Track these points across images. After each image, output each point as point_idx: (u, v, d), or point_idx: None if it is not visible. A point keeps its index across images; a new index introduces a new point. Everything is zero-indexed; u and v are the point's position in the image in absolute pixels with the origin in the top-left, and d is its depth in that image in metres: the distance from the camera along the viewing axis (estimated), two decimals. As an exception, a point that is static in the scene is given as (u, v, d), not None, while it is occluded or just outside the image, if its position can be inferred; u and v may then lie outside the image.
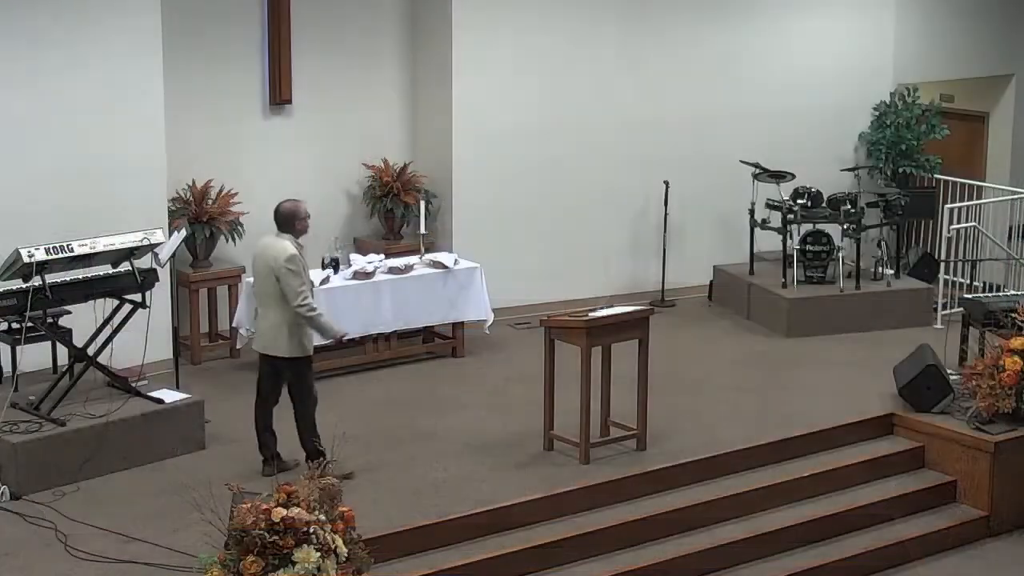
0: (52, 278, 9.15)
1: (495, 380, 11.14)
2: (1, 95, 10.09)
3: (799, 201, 12.81)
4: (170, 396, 9.63)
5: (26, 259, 8.81)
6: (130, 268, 9.45)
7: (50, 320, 9.97)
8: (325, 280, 10.97)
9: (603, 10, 12.90)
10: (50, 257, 8.92)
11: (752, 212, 13.01)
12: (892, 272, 13.03)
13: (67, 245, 9.03)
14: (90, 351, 9.45)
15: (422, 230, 11.72)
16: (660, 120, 13.27)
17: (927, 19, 14.56)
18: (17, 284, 9.04)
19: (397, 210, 12.34)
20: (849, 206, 12.63)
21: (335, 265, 11.20)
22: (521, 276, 12.76)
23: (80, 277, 9.40)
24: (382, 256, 11.55)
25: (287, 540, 6.64)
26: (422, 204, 11.86)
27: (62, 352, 10.25)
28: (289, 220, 8.99)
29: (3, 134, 10.14)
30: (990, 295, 11.32)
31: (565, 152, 12.91)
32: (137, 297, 9.45)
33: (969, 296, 11.11)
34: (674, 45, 13.27)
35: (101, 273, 9.46)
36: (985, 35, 14.92)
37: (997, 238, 13.43)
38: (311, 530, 6.71)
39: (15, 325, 9.75)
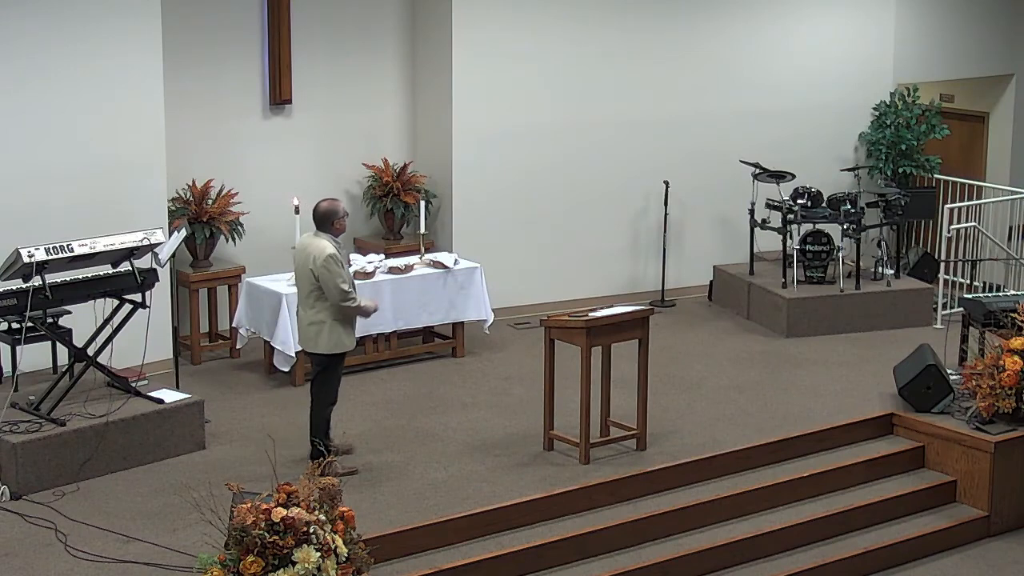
0: (52, 278, 9.15)
1: (495, 380, 11.13)
2: (1, 95, 10.09)
3: (799, 201, 12.79)
4: (170, 396, 9.63)
5: (26, 259, 8.81)
6: (130, 268, 9.45)
7: (50, 320, 9.98)
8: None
9: (603, 10, 12.88)
10: (50, 257, 8.91)
11: (752, 212, 13.00)
12: (892, 272, 13.02)
13: (67, 245, 9.03)
14: (90, 351, 9.44)
15: (422, 230, 11.72)
16: (660, 120, 13.27)
17: (927, 19, 14.55)
18: (17, 284, 9.04)
19: (397, 210, 12.34)
20: (849, 206, 12.62)
21: (335, 265, 11.20)
22: (521, 276, 12.76)
23: (80, 277, 9.39)
24: (382, 256, 11.56)
25: (287, 540, 6.65)
26: (422, 204, 11.85)
27: (62, 352, 10.25)
28: (327, 219, 9.05)
29: (3, 133, 10.14)
30: (990, 295, 11.30)
31: (565, 152, 12.91)
32: (137, 297, 9.45)
33: (969, 296, 11.10)
34: (674, 45, 13.26)
35: (101, 273, 9.45)
36: (985, 35, 14.92)
37: (997, 238, 13.43)
38: (311, 530, 6.72)
39: (15, 325, 9.76)
